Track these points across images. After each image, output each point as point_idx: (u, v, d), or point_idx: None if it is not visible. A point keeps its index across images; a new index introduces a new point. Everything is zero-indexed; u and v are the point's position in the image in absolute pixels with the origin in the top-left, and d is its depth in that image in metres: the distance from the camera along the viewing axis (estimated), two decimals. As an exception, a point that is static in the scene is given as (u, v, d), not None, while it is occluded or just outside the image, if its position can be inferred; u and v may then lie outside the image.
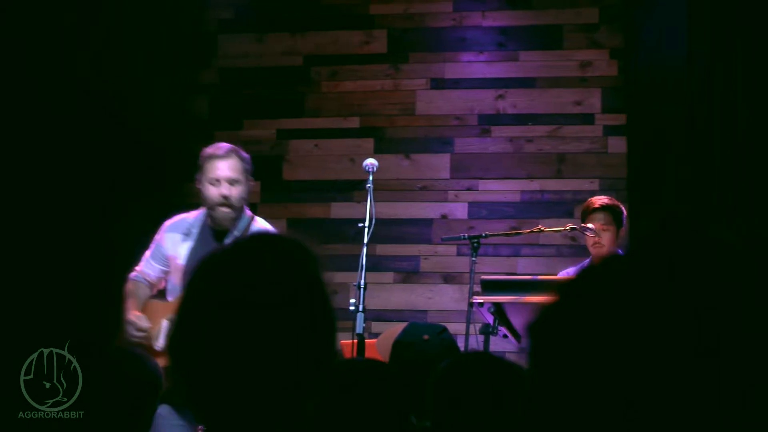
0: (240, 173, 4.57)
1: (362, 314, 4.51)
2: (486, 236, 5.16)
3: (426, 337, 4.08)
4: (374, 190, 4.84)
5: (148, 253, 4.72)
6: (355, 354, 4.44)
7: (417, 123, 6.88)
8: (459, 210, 6.78)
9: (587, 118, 6.72)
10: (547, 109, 6.76)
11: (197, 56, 7.10)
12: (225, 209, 4.51)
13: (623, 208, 5.55)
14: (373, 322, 6.44)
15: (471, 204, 6.77)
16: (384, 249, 6.73)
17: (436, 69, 6.90)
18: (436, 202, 6.80)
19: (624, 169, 6.56)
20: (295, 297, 1.45)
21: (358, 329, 4.46)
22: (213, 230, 4.59)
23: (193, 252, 4.52)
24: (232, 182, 4.52)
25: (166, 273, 4.63)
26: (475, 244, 5.04)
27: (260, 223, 4.67)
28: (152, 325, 4.47)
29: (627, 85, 6.60)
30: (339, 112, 6.95)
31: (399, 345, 4.04)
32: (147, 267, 4.69)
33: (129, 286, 4.67)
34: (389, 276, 6.78)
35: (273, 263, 1.47)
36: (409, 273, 6.78)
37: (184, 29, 7.02)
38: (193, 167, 4.65)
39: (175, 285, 4.56)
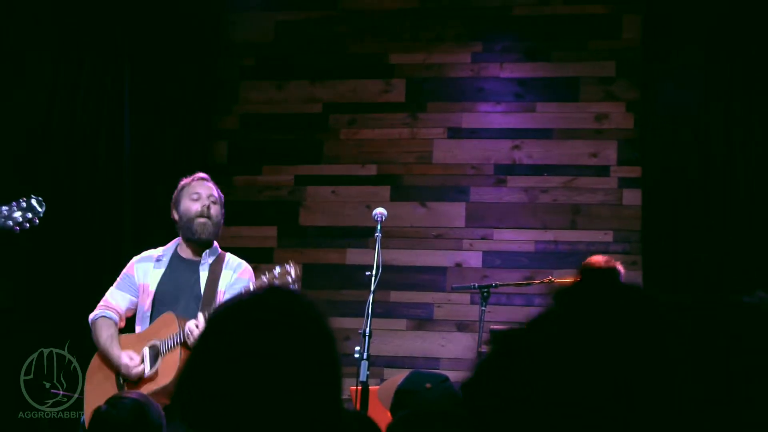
0: (218, 198, 4.73)
1: (366, 362, 4.53)
2: (496, 286, 5.19)
3: (428, 385, 4.08)
4: (389, 237, 4.89)
5: (113, 288, 4.79)
6: (358, 401, 4.46)
7: (433, 171, 6.93)
8: (473, 258, 6.81)
9: (602, 170, 6.75)
10: (562, 160, 6.80)
11: (218, 102, 7.19)
12: (204, 219, 4.64)
13: (620, 269, 5.51)
14: (385, 369, 6.46)
15: (485, 253, 6.80)
16: (398, 296, 6.76)
17: (453, 118, 6.96)
18: (451, 251, 6.83)
19: (638, 221, 6.57)
20: (302, 349, 1.47)
21: (362, 377, 4.49)
22: (184, 259, 4.68)
23: (165, 277, 4.64)
24: (211, 200, 4.66)
25: (135, 303, 4.70)
26: (485, 294, 5.06)
27: (234, 258, 4.76)
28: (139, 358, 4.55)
29: (643, 137, 6.64)
30: (357, 159, 7.01)
31: (401, 393, 4.04)
32: (115, 300, 4.74)
33: (101, 327, 4.69)
34: (402, 323, 6.80)
35: (283, 316, 1.50)
36: (423, 320, 6.80)
37: (206, 75, 7.12)
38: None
39: (145, 313, 4.64)
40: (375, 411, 4.52)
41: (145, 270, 4.72)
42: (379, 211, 4.92)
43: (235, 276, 4.68)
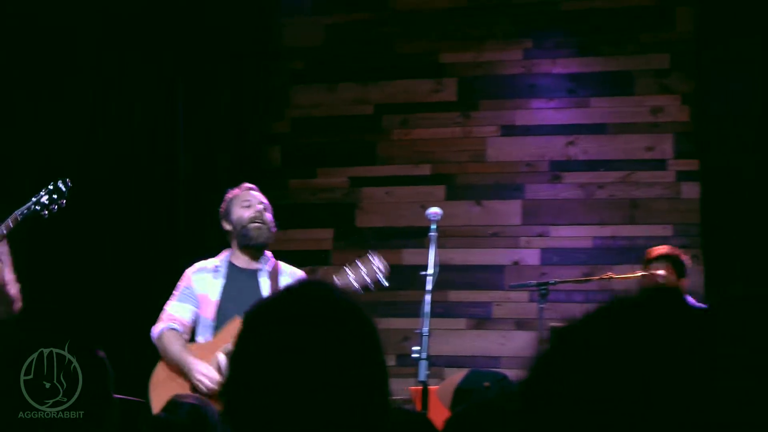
0: (267, 205, 4.77)
1: (426, 362, 4.51)
2: (554, 283, 5.15)
3: (487, 384, 4.06)
4: (445, 236, 4.88)
5: (173, 302, 4.78)
6: (419, 401, 4.45)
7: (488, 170, 6.90)
8: (531, 256, 6.77)
9: (659, 164, 6.68)
10: (618, 155, 6.74)
11: (270, 107, 7.23)
12: (258, 224, 4.66)
13: (683, 258, 5.47)
14: (445, 369, 6.44)
15: (543, 250, 6.76)
16: (456, 295, 6.74)
17: (506, 116, 6.93)
18: (508, 249, 6.80)
19: (697, 214, 6.49)
20: (340, 345, 1.44)
21: (421, 377, 4.47)
22: (241, 268, 4.70)
23: (226, 287, 4.65)
24: (263, 207, 4.69)
25: (197, 314, 4.71)
26: (544, 291, 5.03)
27: (287, 265, 4.79)
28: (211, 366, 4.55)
29: (699, 130, 6.56)
30: (410, 160, 7.01)
31: (460, 392, 4.03)
32: (178, 312, 4.74)
33: (170, 339, 4.68)
34: (462, 322, 6.78)
35: (319, 311, 1.47)
36: (482, 319, 6.77)
37: (257, 81, 7.16)
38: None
39: (209, 323, 4.65)
40: (435, 410, 4.51)
41: (204, 280, 4.75)
42: (434, 210, 4.90)
43: None
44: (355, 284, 4.64)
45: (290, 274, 4.75)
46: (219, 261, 4.81)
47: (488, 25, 7.03)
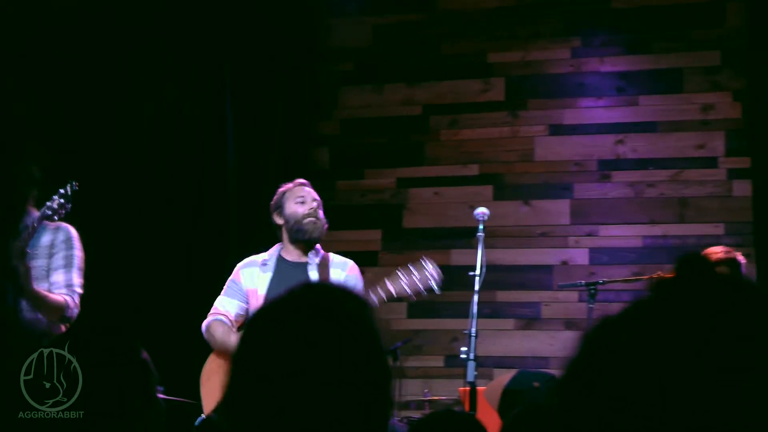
0: (320, 202, 4.77)
1: (473, 362, 4.51)
2: (603, 283, 5.12)
3: (536, 384, 4.04)
4: (494, 236, 4.87)
5: (221, 296, 4.81)
6: (467, 402, 4.45)
7: (536, 169, 6.88)
8: (580, 256, 6.73)
9: (710, 162, 6.61)
10: (668, 153, 6.68)
11: (318, 108, 7.26)
12: (312, 219, 4.67)
13: (740, 260, 5.38)
14: (494, 369, 6.43)
15: (592, 250, 6.72)
16: (504, 295, 6.73)
17: (554, 115, 6.90)
18: (557, 248, 6.77)
19: (749, 212, 6.42)
20: (349, 346, 1.44)
21: (469, 377, 4.47)
22: (290, 262, 4.72)
23: (274, 281, 4.67)
24: (317, 203, 4.71)
25: (246, 310, 4.74)
26: (593, 291, 5.00)
27: (337, 257, 4.78)
28: None
29: (750, 127, 6.48)
30: (458, 160, 7.00)
31: (508, 393, 4.02)
32: (224, 306, 4.76)
33: (215, 327, 4.71)
34: (510, 323, 6.77)
35: (328, 311, 1.46)
36: (530, 319, 6.75)
37: (306, 82, 7.20)
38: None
39: None
40: (483, 411, 4.50)
41: (252, 275, 4.78)
42: (481, 210, 4.89)
43: (345, 274, 4.71)
44: (407, 289, 4.65)
45: (340, 265, 4.76)
46: (268, 255, 4.83)
47: (536, 24, 7.00)
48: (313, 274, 4.69)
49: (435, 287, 4.65)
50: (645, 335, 1.05)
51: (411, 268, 4.67)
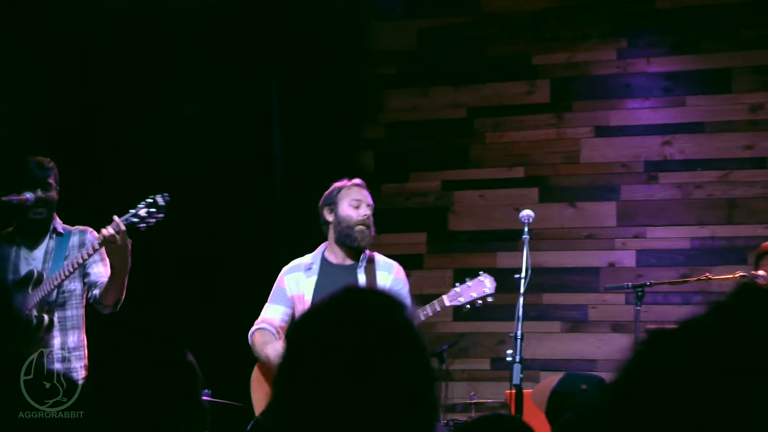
0: (372, 206, 4.75)
1: (519, 365, 4.49)
2: (650, 285, 5.08)
3: (584, 387, 4.02)
4: (539, 239, 4.85)
5: (267, 304, 4.82)
6: (513, 404, 4.43)
7: (581, 171, 6.84)
8: (627, 258, 6.68)
9: (759, 162, 6.54)
10: (716, 154, 6.61)
11: (364, 112, 7.28)
12: (363, 228, 4.65)
13: None
14: (541, 372, 6.40)
15: (639, 251, 6.67)
16: (551, 298, 6.70)
17: (600, 117, 6.86)
18: (603, 250, 6.73)
19: (799, 213, 6.34)
20: (392, 350, 1.44)
21: (515, 380, 4.46)
22: (335, 264, 4.70)
23: (319, 285, 4.65)
24: (370, 209, 4.69)
25: (291, 315, 4.74)
26: (640, 293, 4.96)
27: (383, 258, 4.78)
28: None
29: (801, 127, 6.40)
30: (503, 162, 6.99)
31: (556, 395, 3.99)
32: (269, 314, 4.76)
33: (257, 338, 4.72)
34: (556, 325, 6.73)
35: (370, 316, 1.47)
36: (577, 322, 6.71)
37: (351, 86, 7.23)
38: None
39: None
40: (530, 413, 4.49)
41: (297, 280, 4.77)
42: (526, 213, 4.87)
43: (391, 277, 4.70)
44: (463, 301, 4.67)
45: (386, 267, 4.74)
46: (312, 258, 4.81)
47: (581, 26, 6.97)
48: (362, 277, 4.68)
49: (490, 300, 4.69)
50: (699, 356, 1.06)
51: (468, 281, 4.69)
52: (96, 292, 4.56)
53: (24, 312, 4.42)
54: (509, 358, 4.54)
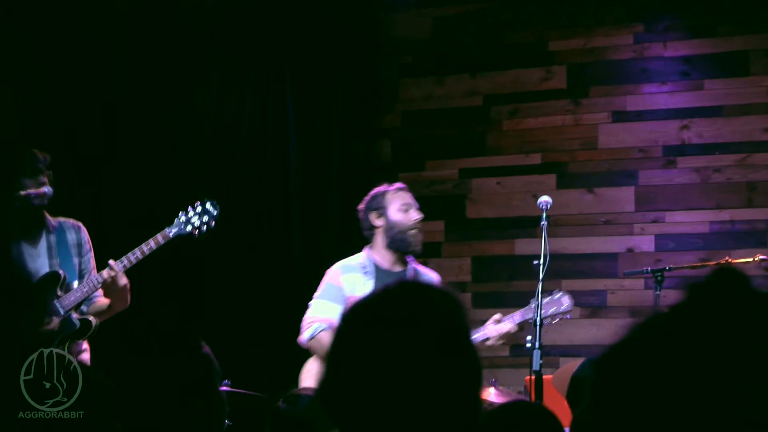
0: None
1: (539, 351, 4.50)
2: (670, 269, 5.07)
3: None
4: (558, 225, 4.85)
5: (320, 301, 4.75)
6: (533, 390, 4.44)
7: (599, 157, 6.82)
8: (645, 243, 6.66)
9: (779, 145, 6.50)
10: (734, 137, 6.58)
11: (380, 100, 7.28)
12: (416, 231, 4.64)
13: None
14: (560, 358, 6.40)
15: (658, 236, 6.65)
16: (570, 284, 6.66)
17: (617, 102, 6.84)
18: (622, 236, 6.71)
19: (819, 195, 6.30)
20: (442, 344, 1.45)
21: (535, 366, 4.46)
22: (386, 269, 4.68)
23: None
24: (421, 216, 4.68)
25: None
26: (659, 278, 4.95)
27: (425, 270, 4.78)
28: None
29: (820, 108, 6.35)
30: (520, 149, 6.97)
31: (576, 380, 4.00)
32: (326, 312, 4.70)
33: (325, 339, 4.61)
34: (576, 311, 6.71)
35: (421, 310, 1.48)
36: (596, 308, 6.70)
37: (366, 75, 7.22)
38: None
39: None
40: (550, 399, 4.49)
41: (354, 281, 4.70)
42: (544, 199, 4.87)
43: None
44: (538, 317, 4.68)
45: (428, 279, 4.73)
46: (363, 260, 4.77)
47: (597, 11, 6.94)
48: None
49: (567, 316, 4.72)
50: (673, 339, 1.08)
51: (545, 297, 4.70)
52: (84, 308, 4.50)
53: (60, 315, 4.36)
54: (528, 345, 4.55)
